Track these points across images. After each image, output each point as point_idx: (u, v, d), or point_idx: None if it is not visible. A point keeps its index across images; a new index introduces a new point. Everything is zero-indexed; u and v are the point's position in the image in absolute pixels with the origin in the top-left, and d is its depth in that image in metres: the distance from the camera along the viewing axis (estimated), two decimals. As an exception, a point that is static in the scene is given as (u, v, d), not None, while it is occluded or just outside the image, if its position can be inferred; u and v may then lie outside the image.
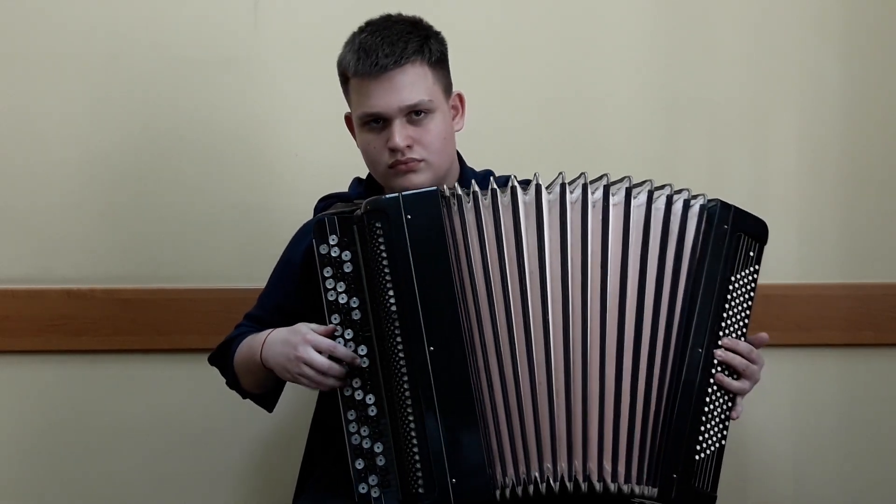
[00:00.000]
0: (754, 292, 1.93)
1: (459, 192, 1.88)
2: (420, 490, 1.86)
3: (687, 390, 1.90)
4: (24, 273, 2.50)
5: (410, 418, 1.85)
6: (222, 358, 2.12)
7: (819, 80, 2.55)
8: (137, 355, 2.52)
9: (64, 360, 2.52)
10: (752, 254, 1.92)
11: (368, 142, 2.00)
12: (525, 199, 1.88)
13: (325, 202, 2.12)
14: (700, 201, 1.92)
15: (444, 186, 1.90)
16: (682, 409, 1.89)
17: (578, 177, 1.91)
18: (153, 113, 2.50)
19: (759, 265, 1.93)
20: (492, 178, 1.95)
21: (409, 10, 2.07)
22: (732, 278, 1.91)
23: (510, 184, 1.89)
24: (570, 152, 2.53)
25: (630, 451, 1.89)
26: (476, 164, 2.18)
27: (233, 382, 2.12)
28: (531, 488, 1.87)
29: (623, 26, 2.54)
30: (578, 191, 1.89)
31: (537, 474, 1.87)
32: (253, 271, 2.30)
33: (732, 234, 1.91)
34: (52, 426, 2.54)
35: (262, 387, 2.10)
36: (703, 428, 1.90)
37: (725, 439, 1.92)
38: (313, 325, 1.90)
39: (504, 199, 1.88)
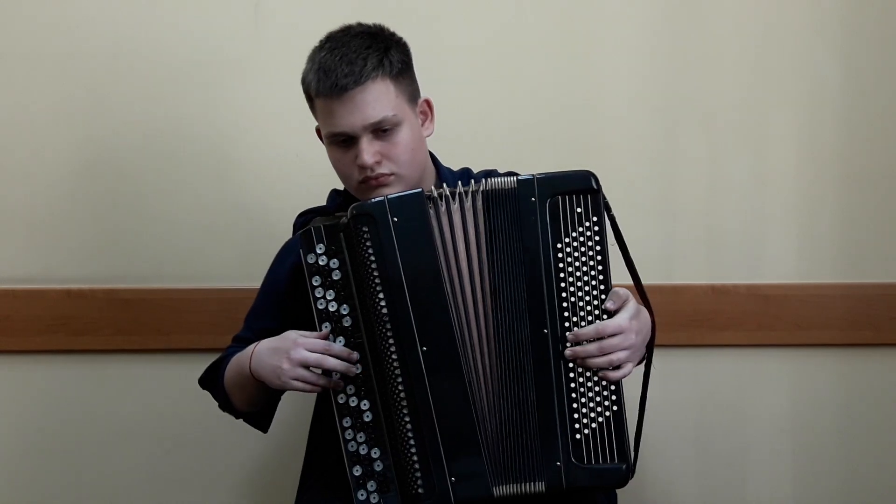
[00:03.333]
0: (602, 245, 1.86)
1: (445, 192, 1.89)
2: (420, 491, 1.87)
3: (545, 375, 1.87)
4: (24, 273, 2.51)
5: (407, 419, 1.87)
6: (212, 380, 2.13)
7: (819, 80, 2.55)
8: (137, 355, 2.53)
9: (64, 360, 2.53)
10: (579, 210, 1.86)
11: (338, 159, 2.01)
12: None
13: (304, 217, 2.12)
14: (483, 187, 1.88)
15: (432, 188, 1.90)
16: (542, 394, 1.87)
17: None
18: (153, 113, 2.51)
19: (600, 215, 1.86)
20: (471, 179, 1.95)
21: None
22: (560, 244, 1.86)
23: (480, 185, 1.90)
24: (571, 153, 2.53)
25: (516, 449, 1.89)
26: (475, 165, 2.18)
27: (224, 403, 2.13)
28: (516, 487, 1.89)
29: (623, 26, 2.53)
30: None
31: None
32: (253, 271, 2.30)
33: (544, 202, 1.86)
34: (53, 426, 2.55)
35: (255, 403, 2.10)
36: (575, 405, 1.87)
37: (617, 404, 1.87)
38: (303, 332, 1.91)
39: (478, 202, 1.89)
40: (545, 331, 1.87)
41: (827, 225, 2.56)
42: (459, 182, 1.93)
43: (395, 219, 1.86)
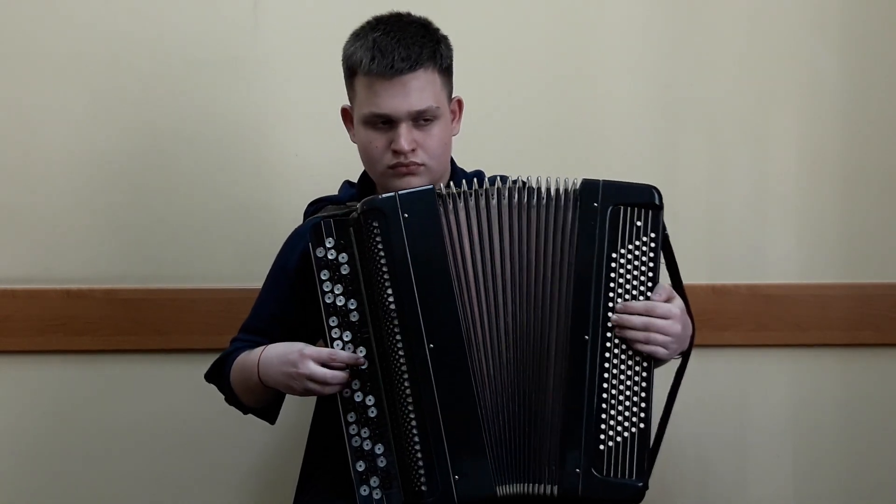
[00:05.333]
0: (655, 262, 1.86)
1: (454, 190, 1.89)
2: (423, 488, 1.87)
3: (578, 381, 1.86)
4: (24, 273, 2.51)
5: (412, 416, 1.86)
6: (219, 376, 2.12)
7: (819, 80, 2.55)
8: (137, 355, 2.52)
9: (64, 360, 2.52)
10: (638, 223, 1.86)
11: (371, 140, 2.00)
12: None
13: (316, 205, 2.12)
14: (555, 185, 1.88)
15: (441, 185, 1.91)
16: (572, 399, 1.86)
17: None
18: (153, 113, 2.50)
19: (658, 232, 1.86)
20: (476, 180, 1.94)
21: (409, 9, 2.06)
22: (615, 254, 1.86)
23: (496, 185, 1.90)
24: (571, 153, 2.53)
25: (525, 449, 1.88)
26: (476, 164, 2.18)
27: (232, 399, 2.12)
28: (520, 487, 1.88)
29: (622, 26, 2.53)
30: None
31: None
32: (253, 271, 2.30)
33: (606, 210, 1.86)
34: (52, 426, 2.54)
35: (264, 402, 2.10)
36: (604, 416, 1.85)
37: (645, 421, 1.86)
38: (309, 346, 1.91)
39: (493, 201, 1.89)
40: (586, 337, 1.86)
41: (828, 225, 2.56)
42: (475, 180, 1.92)
43: (406, 215, 1.86)
